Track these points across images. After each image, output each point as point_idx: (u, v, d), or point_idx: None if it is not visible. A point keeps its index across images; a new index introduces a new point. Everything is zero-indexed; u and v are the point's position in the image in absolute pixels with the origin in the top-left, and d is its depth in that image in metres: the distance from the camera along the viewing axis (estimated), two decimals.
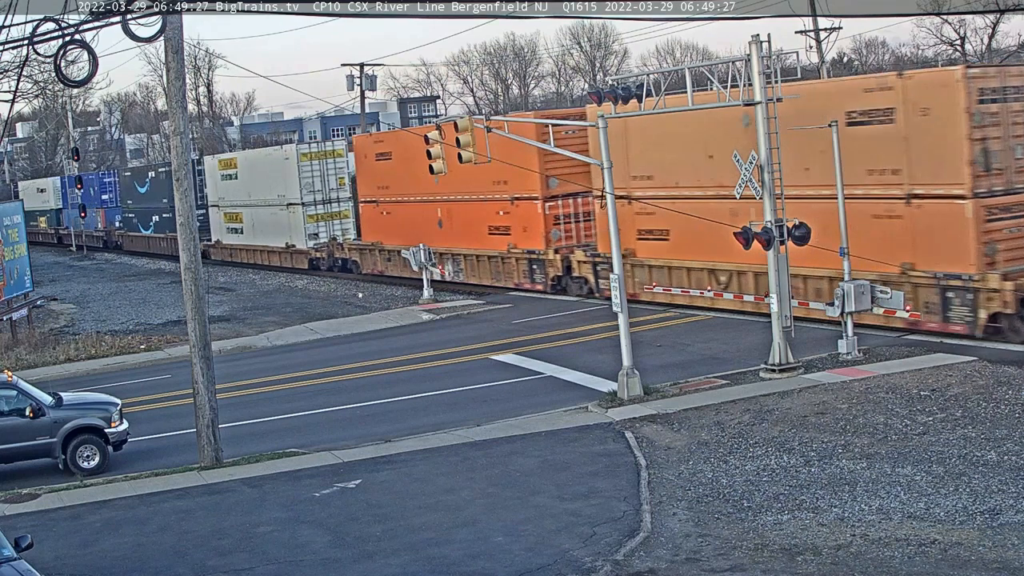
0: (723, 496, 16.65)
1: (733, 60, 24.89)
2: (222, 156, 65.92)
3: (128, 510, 18.54)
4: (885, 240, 26.03)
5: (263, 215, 56.60)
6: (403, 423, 23.45)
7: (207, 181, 62.61)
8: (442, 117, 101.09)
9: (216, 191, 61.89)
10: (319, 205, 52.92)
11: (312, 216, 52.75)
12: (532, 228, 38.29)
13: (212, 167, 62.44)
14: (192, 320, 21.32)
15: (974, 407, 20.02)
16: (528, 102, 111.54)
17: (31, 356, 35.03)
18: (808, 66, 50.24)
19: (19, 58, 37.25)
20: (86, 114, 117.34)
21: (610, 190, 23.84)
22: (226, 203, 61.06)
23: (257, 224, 57.62)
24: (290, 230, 54.10)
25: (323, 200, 52.88)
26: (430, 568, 14.78)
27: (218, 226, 62.64)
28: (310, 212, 52.73)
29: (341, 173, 53.27)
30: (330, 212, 52.99)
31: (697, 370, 25.24)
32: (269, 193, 54.95)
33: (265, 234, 56.73)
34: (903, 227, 25.94)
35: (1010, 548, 13.76)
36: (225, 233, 61.85)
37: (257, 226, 57.64)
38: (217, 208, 62.29)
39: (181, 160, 21.43)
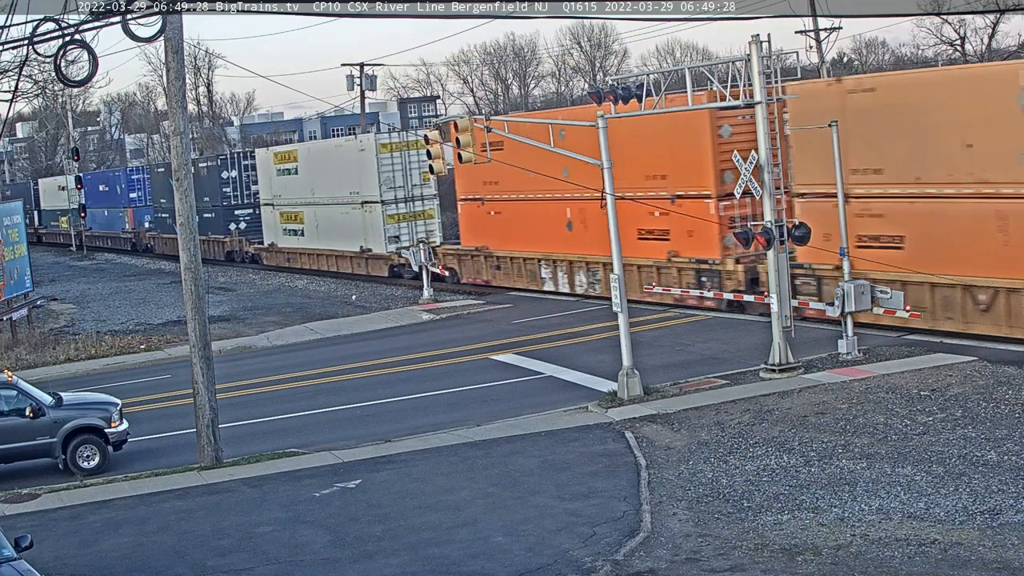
0: (723, 496, 16.65)
1: (733, 60, 24.89)
2: (279, 148, 58.76)
3: (128, 510, 18.54)
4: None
5: (331, 215, 49.93)
6: (403, 423, 23.45)
7: (259, 176, 57.00)
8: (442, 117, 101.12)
9: (271, 188, 55.26)
10: (400, 204, 46.54)
11: (392, 216, 46.24)
12: (701, 232, 31.37)
13: (266, 161, 56.20)
14: (192, 320, 21.32)
15: (974, 407, 20.02)
16: (528, 102, 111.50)
17: (31, 356, 35.03)
18: (808, 66, 50.25)
19: (19, 58, 37.28)
20: (86, 114, 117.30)
21: (610, 190, 23.83)
22: (283, 201, 54.47)
23: (323, 225, 50.74)
24: (365, 232, 47.69)
25: (405, 198, 46.58)
26: (430, 568, 14.78)
27: (272, 227, 55.99)
28: (390, 212, 46.25)
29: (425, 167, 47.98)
30: (413, 212, 46.72)
31: (697, 370, 25.24)
32: (339, 190, 48.23)
33: (334, 236, 49.81)
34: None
35: (1010, 548, 13.76)
36: (282, 235, 55.30)
37: (323, 228, 50.68)
38: (272, 207, 55.72)
39: (181, 160, 21.45)
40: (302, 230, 53.24)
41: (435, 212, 46.89)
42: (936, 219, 25.32)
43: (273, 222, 55.95)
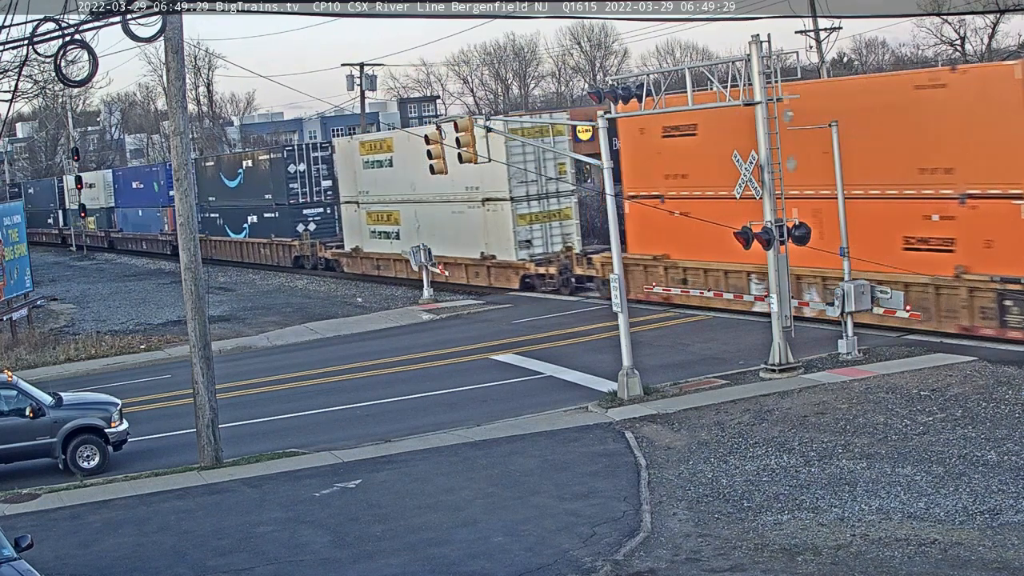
0: (723, 496, 16.65)
1: (733, 60, 24.89)
2: (367, 137, 49.81)
3: (128, 510, 18.54)
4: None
5: (438, 215, 42.41)
6: (403, 423, 23.45)
7: (339, 170, 50.16)
8: (442, 117, 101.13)
9: (355, 183, 47.50)
10: (532, 201, 38.79)
11: (524, 217, 38.45)
12: (1007, 242, 24.35)
13: (348, 152, 48.38)
14: (192, 320, 21.32)
15: (974, 407, 20.01)
16: (528, 102, 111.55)
17: (31, 356, 35.03)
18: (808, 66, 50.25)
19: (19, 58, 37.27)
20: (86, 114, 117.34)
21: (610, 191, 23.83)
22: (372, 199, 46.82)
23: (427, 227, 43.13)
24: (487, 235, 39.82)
25: (538, 194, 38.80)
26: (430, 568, 14.78)
27: (356, 229, 48.03)
28: (521, 210, 38.44)
29: (562, 157, 39.13)
30: (547, 211, 39.01)
31: (697, 370, 25.23)
32: (451, 185, 38.95)
33: (442, 240, 41.65)
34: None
35: (1010, 548, 13.76)
36: (368, 238, 47.29)
37: (427, 230, 42.92)
38: (356, 205, 48.11)
39: (181, 160, 21.43)
40: (396, 232, 45.72)
41: (573, 211, 39.69)
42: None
43: (357, 223, 48.22)
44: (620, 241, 24.25)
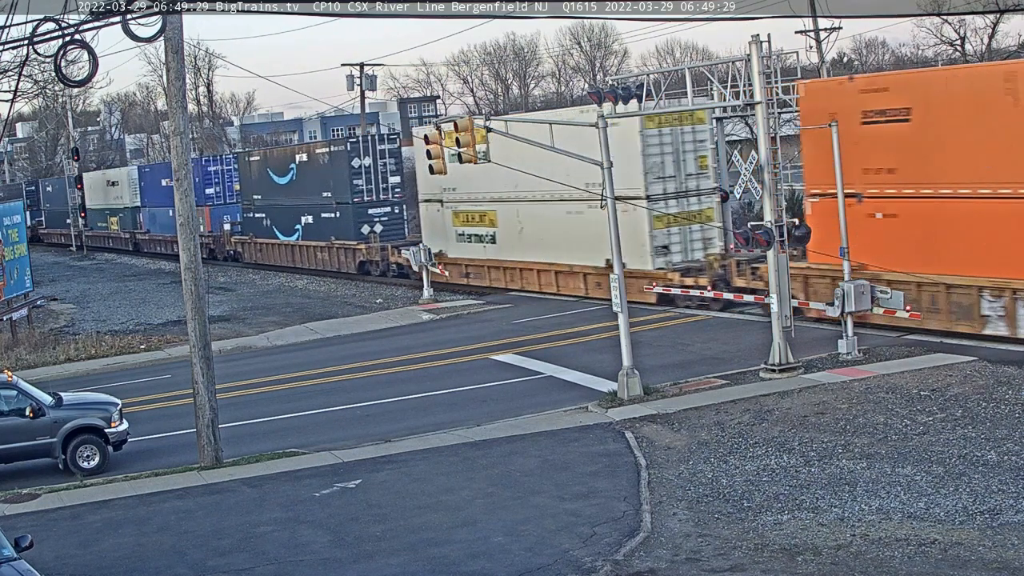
0: (723, 496, 16.65)
1: (733, 60, 24.92)
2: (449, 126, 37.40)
3: (128, 510, 18.54)
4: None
5: (548, 215, 37.09)
6: (403, 423, 23.45)
7: (416, 164, 43.56)
8: (441, 117, 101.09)
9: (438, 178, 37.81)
10: (670, 200, 33.45)
11: (660, 219, 33.10)
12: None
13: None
14: (192, 320, 21.32)
15: (974, 407, 20.02)
16: (528, 102, 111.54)
17: (31, 356, 35.03)
18: (808, 66, 50.24)
19: (19, 58, 37.30)
20: (86, 114, 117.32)
21: (610, 192, 23.82)
22: (460, 196, 40.98)
23: (532, 229, 38.07)
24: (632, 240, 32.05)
25: (676, 192, 33.54)
26: (430, 568, 14.78)
27: (438, 231, 42.60)
28: (658, 211, 33.12)
29: (703, 149, 33.94)
30: (687, 212, 33.77)
31: (697, 370, 25.24)
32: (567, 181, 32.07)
33: (552, 246, 36.62)
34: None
35: (1010, 548, 13.76)
36: (455, 242, 41.69)
37: (532, 233, 38.01)
38: (437, 204, 42.59)
39: (181, 160, 21.44)
40: (492, 235, 40.38)
41: (715, 212, 34.30)
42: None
43: (441, 225, 42.68)
44: (618, 241, 24.18)
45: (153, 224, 69.97)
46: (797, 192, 37.12)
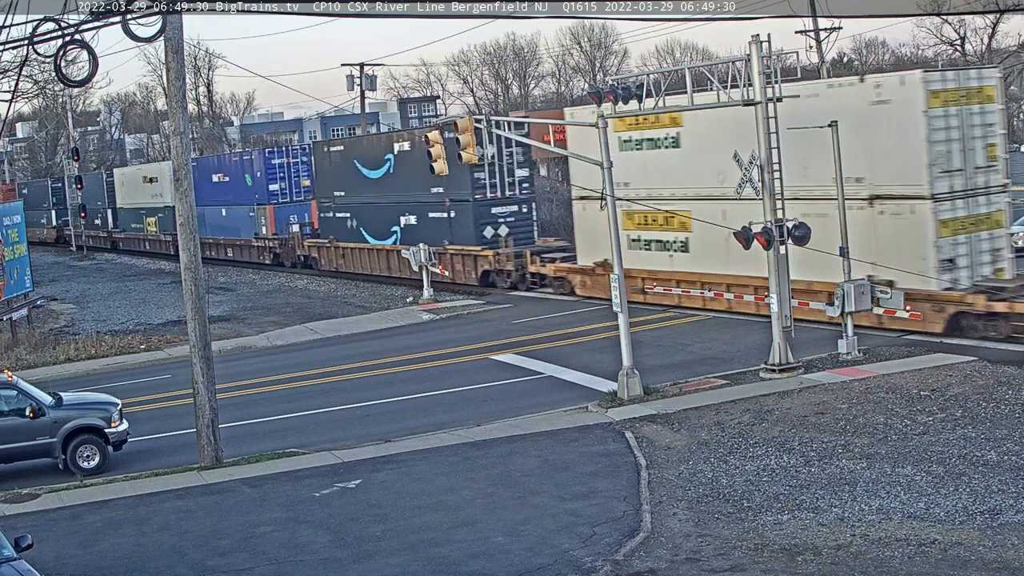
0: (723, 496, 16.65)
1: (733, 60, 24.90)
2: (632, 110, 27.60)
3: (128, 510, 18.54)
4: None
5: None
6: (403, 423, 23.45)
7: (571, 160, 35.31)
8: (441, 117, 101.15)
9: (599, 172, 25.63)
10: (957, 200, 26.37)
11: (947, 223, 26.04)
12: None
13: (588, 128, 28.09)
14: (192, 320, 21.32)
15: (974, 407, 20.02)
16: (528, 102, 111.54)
17: (31, 356, 35.03)
18: (808, 66, 50.24)
19: (19, 58, 37.29)
20: (86, 114, 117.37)
21: (610, 192, 23.82)
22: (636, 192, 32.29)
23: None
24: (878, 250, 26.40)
25: (964, 190, 26.49)
26: (430, 568, 14.78)
27: (599, 234, 32.52)
28: (944, 214, 26.03)
29: (992, 135, 26.92)
30: (975, 216, 26.58)
31: (697, 370, 25.24)
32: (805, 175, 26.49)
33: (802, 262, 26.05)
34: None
35: (1010, 548, 13.76)
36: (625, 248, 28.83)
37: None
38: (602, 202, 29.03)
39: (181, 160, 21.43)
40: (682, 241, 32.53)
41: (1005, 216, 27.27)
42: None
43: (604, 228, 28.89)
44: (618, 241, 24.18)
45: (202, 225, 62.66)
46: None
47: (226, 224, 59.92)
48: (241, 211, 57.81)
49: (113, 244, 78.68)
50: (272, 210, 55.23)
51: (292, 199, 55.19)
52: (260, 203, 55.97)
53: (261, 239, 56.33)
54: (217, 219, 60.00)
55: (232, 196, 58.41)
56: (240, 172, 57.90)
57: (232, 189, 58.22)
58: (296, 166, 55.43)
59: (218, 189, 59.62)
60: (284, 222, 54.93)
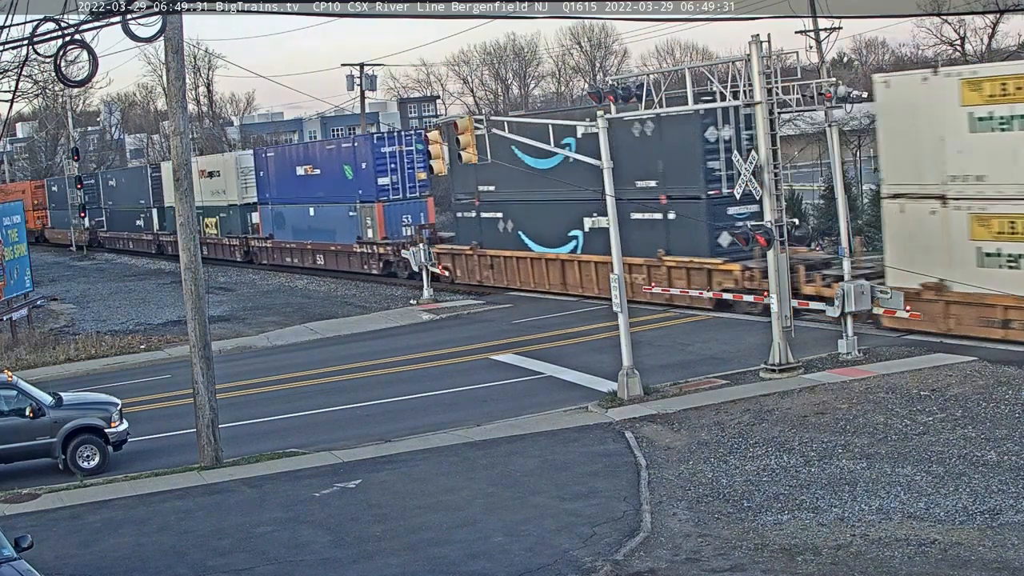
0: (723, 496, 16.65)
1: (733, 60, 24.90)
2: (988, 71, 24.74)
3: (128, 510, 18.54)
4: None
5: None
6: (403, 423, 23.45)
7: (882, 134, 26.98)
8: (442, 117, 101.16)
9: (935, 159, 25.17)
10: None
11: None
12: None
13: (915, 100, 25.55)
14: (192, 320, 21.32)
15: (974, 407, 20.02)
16: (528, 102, 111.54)
17: (31, 356, 35.03)
18: (808, 66, 50.24)
19: (19, 58, 37.31)
20: (86, 114, 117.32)
21: (610, 192, 23.82)
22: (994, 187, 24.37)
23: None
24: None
25: None
26: (430, 568, 14.78)
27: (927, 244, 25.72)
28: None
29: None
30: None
31: (697, 370, 25.23)
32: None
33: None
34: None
35: (1010, 548, 13.76)
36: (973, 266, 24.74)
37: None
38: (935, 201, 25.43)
39: (181, 160, 21.42)
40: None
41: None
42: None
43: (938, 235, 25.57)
44: (618, 240, 24.16)
45: (281, 227, 52.86)
46: (797, 192, 36.98)
47: (315, 226, 50.46)
48: (337, 211, 47.89)
49: (159, 249, 68.09)
50: (381, 209, 45.19)
51: (405, 195, 45.58)
52: (366, 200, 46.29)
53: (365, 244, 46.63)
54: (301, 220, 50.73)
55: (324, 192, 48.92)
56: (337, 163, 47.61)
57: (325, 183, 48.33)
58: (410, 155, 45.72)
59: (304, 184, 49.96)
60: (396, 223, 44.81)
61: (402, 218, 45.32)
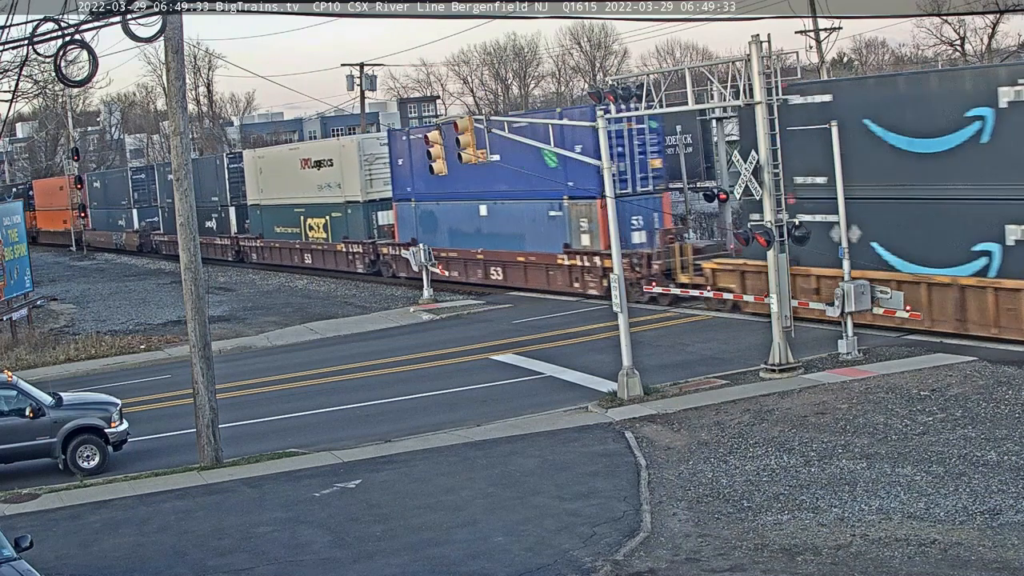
0: (723, 496, 16.65)
1: (733, 60, 24.90)
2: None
3: (128, 510, 18.54)
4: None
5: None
6: (403, 423, 23.45)
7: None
8: (441, 117, 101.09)
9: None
10: None
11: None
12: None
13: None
14: (192, 320, 21.32)
15: (974, 407, 20.02)
16: (528, 102, 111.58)
17: (31, 356, 35.03)
18: (808, 66, 50.25)
19: (19, 58, 37.32)
20: (86, 114, 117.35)
21: (610, 192, 23.82)
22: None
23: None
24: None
25: None
26: (430, 568, 14.78)
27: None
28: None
29: None
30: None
31: (697, 370, 25.23)
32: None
33: None
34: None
35: (1010, 548, 13.76)
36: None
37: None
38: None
39: (181, 160, 21.43)
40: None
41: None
42: None
43: None
44: (618, 240, 24.17)
45: (431, 230, 41.33)
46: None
47: (490, 229, 39.04)
48: (531, 209, 37.05)
49: (239, 254, 57.26)
50: (601, 207, 33.34)
51: (635, 189, 34.12)
52: (578, 196, 34.88)
53: (579, 254, 35.16)
54: (466, 221, 39.68)
55: (508, 184, 36.44)
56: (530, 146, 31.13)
57: (508, 173, 34.36)
58: (640, 135, 34.40)
59: (473, 174, 35.67)
60: (623, 227, 31.75)
61: (631, 220, 33.66)
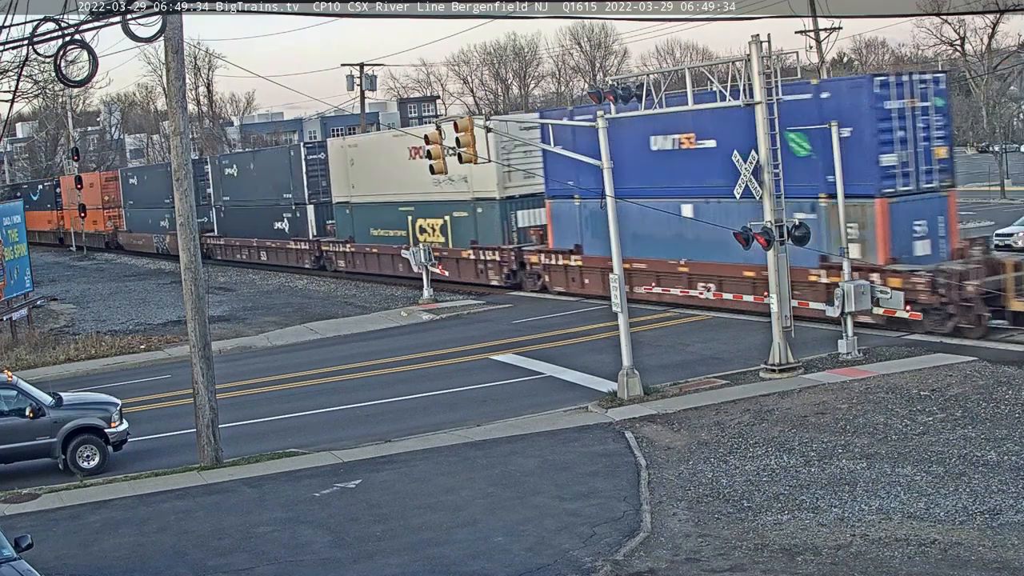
0: (723, 496, 16.65)
1: (733, 60, 24.89)
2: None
3: (128, 510, 18.54)
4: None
5: None
6: (403, 423, 23.45)
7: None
8: (441, 117, 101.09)
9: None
10: None
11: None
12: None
13: None
14: (192, 320, 21.32)
15: (974, 407, 20.02)
16: (528, 102, 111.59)
17: (31, 356, 35.03)
18: (808, 66, 50.27)
19: (19, 58, 37.32)
20: (86, 114, 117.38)
21: (610, 192, 23.81)
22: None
23: None
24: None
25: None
26: (430, 568, 14.78)
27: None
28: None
29: None
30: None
31: (697, 370, 25.23)
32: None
33: None
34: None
35: (1010, 548, 13.76)
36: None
37: None
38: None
39: (181, 160, 21.43)
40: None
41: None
42: None
43: None
44: (618, 239, 24.16)
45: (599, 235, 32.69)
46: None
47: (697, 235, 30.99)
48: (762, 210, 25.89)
49: (319, 261, 51.19)
50: (885, 209, 26.68)
51: (918, 186, 27.20)
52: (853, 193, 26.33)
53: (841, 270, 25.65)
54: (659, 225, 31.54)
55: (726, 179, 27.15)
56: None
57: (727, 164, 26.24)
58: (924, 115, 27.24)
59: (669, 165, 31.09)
60: (904, 234, 26.89)
61: (913, 225, 27.28)
